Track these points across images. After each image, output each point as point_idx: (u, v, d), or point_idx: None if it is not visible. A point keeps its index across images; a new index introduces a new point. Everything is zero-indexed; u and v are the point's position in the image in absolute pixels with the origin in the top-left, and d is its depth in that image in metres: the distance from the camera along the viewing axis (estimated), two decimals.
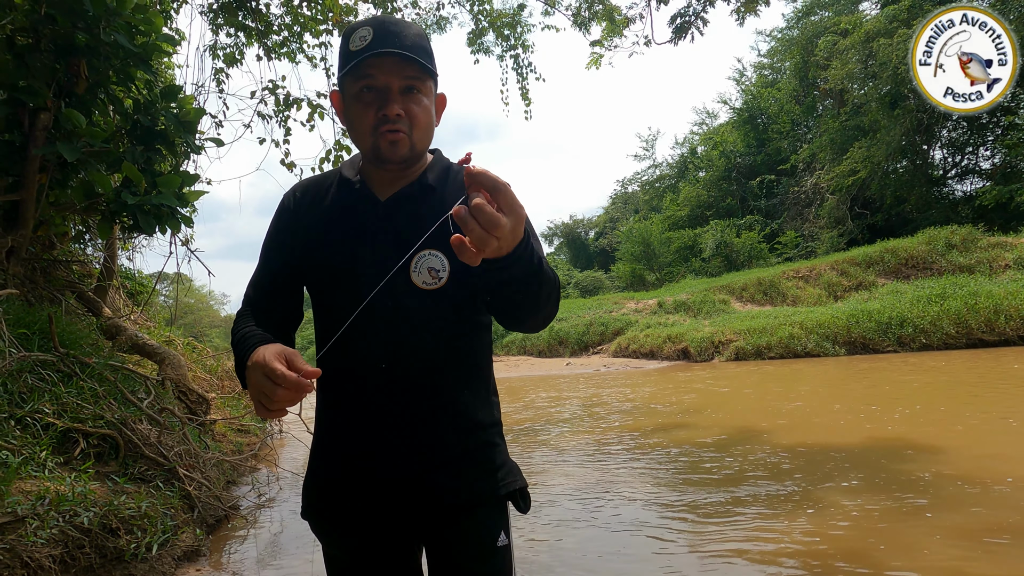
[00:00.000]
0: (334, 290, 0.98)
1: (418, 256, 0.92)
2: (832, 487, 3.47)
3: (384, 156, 0.93)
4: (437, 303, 0.93)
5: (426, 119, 0.96)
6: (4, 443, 2.34)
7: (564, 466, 4.37)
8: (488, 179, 0.64)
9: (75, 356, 3.15)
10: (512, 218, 0.65)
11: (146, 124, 3.29)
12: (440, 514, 0.93)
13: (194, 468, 3.18)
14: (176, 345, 5.79)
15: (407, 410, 0.93)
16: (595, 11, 6.64)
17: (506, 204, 0.65)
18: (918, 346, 11.10)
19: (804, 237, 22.76)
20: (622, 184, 40.91)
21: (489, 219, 0.63)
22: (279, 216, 1.06)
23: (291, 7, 5.53)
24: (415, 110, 0.94)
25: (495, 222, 0.63)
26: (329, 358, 0.96)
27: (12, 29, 2.85)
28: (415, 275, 0.92)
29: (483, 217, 0.63)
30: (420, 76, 0.93)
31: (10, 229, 3.18)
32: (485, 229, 0.63)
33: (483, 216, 0.63)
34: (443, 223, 0.88)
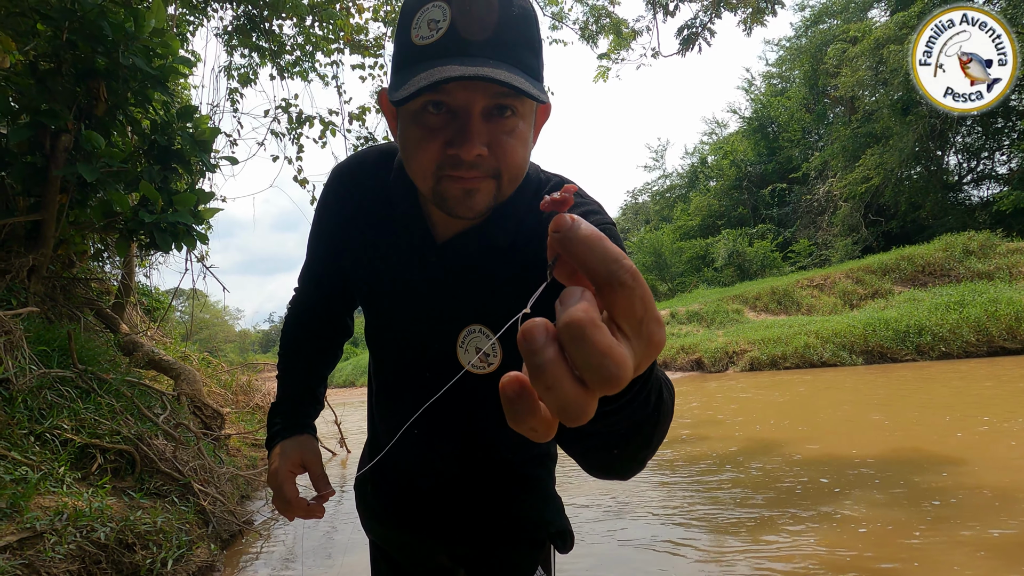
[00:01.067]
0: (376, 331, 0.86)
1: (467, 330, 0.73)
2: (855, 499, 3.40)
3: (452, 210, 0.66)
4: (487, 388, 0.71)
5: (522, 154, 0.65)
6: (24, 459, 2.37)
7: (577, 480, 4.33)
8: (598, 255, 0.28)
9: (93, 372, 3.19)
10: (640, 346, 0.29)
11: (163, 144, 3.37)
12: (479, 544, 0.89)
13: (209, 483, 3.20)
14: (191, 360, 5.86)
15: (445, 457, 0.85)
16: (602, 25, 6.70)
17: (633, 314, 0.28)
18: (937, 355, 10.90)
19: (818, 245, 22.54)
20: (632, 195, 40.96)
21: (594, 359, 0.26)
22: (321, 208, 0.87)
23: (303, 28, 5.65)
24: (508, 144, 0.63)
25: (608, 364, 0.26)
26: (378, 381, 0.90)
27: (35, 55, 2.94)
28: (462, 352, 0.73)
29: (584, 353, 0.26)
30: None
31: (31, 248, 3.26)
32: (584, 379, 0.27)
33: (585, 352, 0.26)
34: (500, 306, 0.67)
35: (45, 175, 2.98)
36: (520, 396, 0.28)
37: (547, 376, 0.26)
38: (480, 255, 0.73)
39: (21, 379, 2.65)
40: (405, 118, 0.66)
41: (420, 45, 0.60)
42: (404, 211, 0.76)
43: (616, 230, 0.68)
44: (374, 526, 0.97)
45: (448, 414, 0.80)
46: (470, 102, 0.61)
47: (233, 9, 5.45)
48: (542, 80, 0.66)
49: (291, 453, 0.86)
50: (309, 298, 0.95)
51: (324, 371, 0.98)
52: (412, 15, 0.62)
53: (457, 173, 0.63)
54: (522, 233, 0.72)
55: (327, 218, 0.85)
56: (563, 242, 0.29)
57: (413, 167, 0.67)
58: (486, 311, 0.72)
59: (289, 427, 0.90)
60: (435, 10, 0.60)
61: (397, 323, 0.80)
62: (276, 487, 0.85)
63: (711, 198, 29.07)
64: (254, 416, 5.73)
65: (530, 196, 0.74)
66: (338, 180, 0.84)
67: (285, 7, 4.98)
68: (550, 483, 0.92)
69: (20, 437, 2.48)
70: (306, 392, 0.94)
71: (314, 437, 0.91)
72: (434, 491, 0.87)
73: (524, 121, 0.65)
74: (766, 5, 5.76)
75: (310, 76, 6.11)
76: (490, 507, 0.87)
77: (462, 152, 0.61)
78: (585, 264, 0.28)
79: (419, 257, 0.76)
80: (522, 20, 0.62)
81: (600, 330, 0.26)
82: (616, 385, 0.26)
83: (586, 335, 0.26)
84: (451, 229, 0.75)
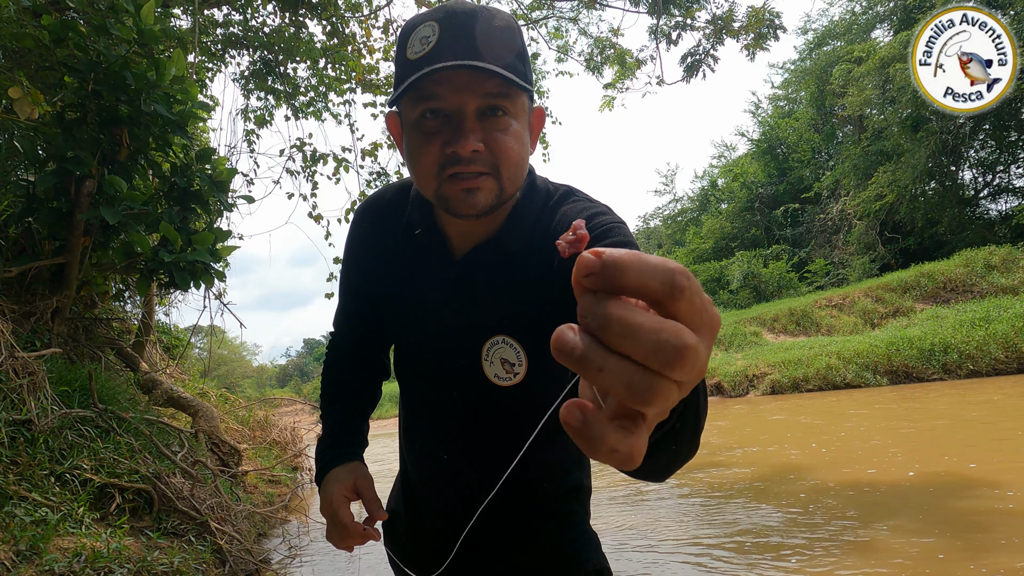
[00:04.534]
0: (405, 357, 0.88)
1: (490, 342, 0.73)
2: (886, 525, 3.27)
3: (455, 210, 0.69)
4: (514, 400, 0.74)
5: (518, 151, 0.69)
6: (44, 499, 2.38)
7: (599, 506, 4.23)
8: (647, 274, 0.26)
9: (113, 411, 3.23)
10: (707, 335, 0.27)
11: (182, 186, 3.47)
12: None
13: (225, 521, 3.18)
14: (209, 397, 5.89)
15: (470, 488, 0.83)
16: (607, 55, 6.83)
17: (695, 309, 0.27)
18: (965, 373, 10.58)
19: (834, 264, 22.26)
20: (644, 220, 40.98)
21: (650, 339, 0.25)
22: (348, 248, 0.90)
23: (317, 70, 5.84)
24: (503, 140, 0.67)
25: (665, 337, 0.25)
26: (407, 409, 0.90)
27: (62, 105, 3.07)
28: (487, 365, 0.73)
29: (636, 339, 0.25)
30: (507, 91, 0.66)
31: (55, 290, 3.34)
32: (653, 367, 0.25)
33: (636, 337, 0.25)
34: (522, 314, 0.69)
35: (70, 219, 3.08)
36: (586, 421, 0.26)
37: (593, 359, 0.25)
38: (497, 265, 0.75)
39: (43, 420, 2.68)
40: (407, 130, 0.71)
41: (414, 59, 0.66)
42: (423, 234, 0.79)
43: (627, 228, 0.69)
44: (405, 567, 0.95)
45: (477, 434, 0.80)
46: (463, 103, 0.65)
47: (250, 55, 5.66)
48: (529, 82, 0.70)
49: (344, 478, 0.86)
50: (344, 338, 0.98)
51: (367, 408, 0.98)
52: (407, 38, 0.68)
53: (457, 169, 0.66)
54: (536, 238, 0.74)
55: (353, 256, 0.89)
56: (605, 280, 0.26)
57: (418, 172, 0.70)
58: (508, 320, 0.73)
59: (338, 456, 0.89)
60: (425, 28, 0.66)
61: (423, 344, 0.82)
62: (330, 514, 0.84)
63: (723, 220, 28.99)
64: (271, 452, 5.72)
65: (539, 205, 0.77)
66: (361, 218, 0.88)
67: (299, 51, 5.17)
68: (585, 518, 0.90)
69: (41, 478, 2.50)
70: (351, 426, 0.94)
71: (363, 464, 0.92)
72: (468, 526, 0.84)
73: (518, 120, 0.69)
74: (768, 31, 5.85)
75: (323, 115, 6.29)
76: (525, 544, 0.85)
77: (459, 148, 0.65)
78: (639, 288, 0.25)
79: (440, 275, 0.79)
80: (505, 30, 0.67)
81: (639, 313, 0.25)
82: (685, 357, 0.24)
83: (629, 322, 0.25)
84: (468, 243, 0.77)
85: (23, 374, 2.69)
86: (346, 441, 0.92)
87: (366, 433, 0.96)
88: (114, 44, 2.88)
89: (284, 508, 4.69)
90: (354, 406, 0.96)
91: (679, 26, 6.18)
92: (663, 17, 6.22)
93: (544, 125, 0.79)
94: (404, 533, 0.94)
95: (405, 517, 0.93)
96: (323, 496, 0.85)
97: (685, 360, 0.25)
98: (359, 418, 0.96)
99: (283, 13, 5.40)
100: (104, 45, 2.83)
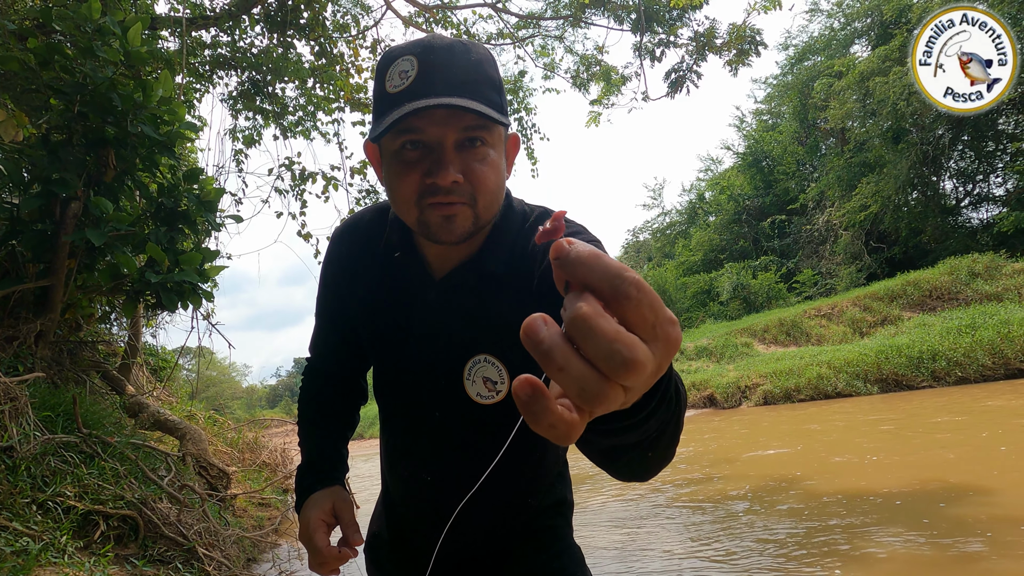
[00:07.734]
0: (385, 378, 0.87)
1: (472, 361, 0.74)
2: (880, 534, 3.27)
3: (435, 236, 0.71)
4: (496, 418, 0.73)
5: (495, 180, 0.71)
6: (25, 528, 2.32)
7: (588, 526, 4.19)
8: (599, 273, 0.29)
9: (97, 436, 3.16)
10: (659, 348, 0.29)
11: (169, 206, 3.45)
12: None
13: (213, 547, 3.11)
14: (197, 419, 5.80)
15: (453, 509, 0.81)
16: (592, 72, 6.94)
17: (644, 320, 0.29)
18: (954, 380, 10.68)
19: (822, 274, 22.51)
20: (633, 233, 41.28)
21: (604, 345, 0.27)
22: (326, 271, 0.91)
23: (305, 89, 5.87)
24: (480, 171, 0.69)
25: (619, 348, 0.27)
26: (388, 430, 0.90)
27: (48, 127, 3.05)
28: (469, 384, 0.74)
29: (595, 342, 0.27)
30: (485, 123, 0.68)
31: (39, 313, 3.29)
32: (602, 370, 0.27)
33: (594, 341, 0.27)
34: (503, 332, 0.68)
35: (55, 241, 3.04)
36: (533, 396, 0.27)
37: (556, 357, 0.27)
38: (477, 284, 0.77)
39: (25, 446, 2.62)
40: (387, 159, 0.72)
41: (393, 92, 0.67)
42: (401, 256, 0.81)
43: (603, 246, 0.71)
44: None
45: (460, 454, 0.80)
46: (443, 136, 0.67)
47: (238, 76, 5.68)
48: (506, 113, 0.73)
49: (322, 502, 0.85)
50: (323, 362, 0.97)
51: (346, 432, 0.97)
52: (385, 70, 0.69)
53: (436, 199, 0.68)
54: (515, 257, 0.76)
55: (331, 280, 0.89)
56: (564, 266, 0.30)
57: (398, 200, 0.72)
58: (489, 339, 0.74)
59: (318, 481, 0.89)
60: (404, 63, 0.67)
61: (404, 365, 0.82)
62: (307, 539, 0.83)
63: (711, 233, 29.28)
64: (260, 474, 5.62)
65: (518, 225, 0.79)
66: (339, 241, 0.89)
67: (287, 71, 5.19)
68: (569, 532, 0.90)
69: (22, 507, 2.44)
70: (330, 451, 0.93)
71: (344, 488, 0.91)
72: (452, 547, 0.84)
73: (495, 150, 0.71)
74: (749, 47, 5.97)
75: (312, 134, 6.31)
76: (510, 566, 0.84)
77: (439, 179, 0.67)
78: (589, 283, 0.29)
79: (420, 296, 0.80)
80: (483, 63, 0.70)
81: (604, 318, 0.27)
82: (632, 369, 0.27)
83: (591, 324, 0.27)
84: (447, 265, 0.79)
85: (4, 400, 2.63)
86: (327, 467, 0.91)
87: (346, 457, 0.95)
88: (101, 66, 2.88)
89: (274, 531, 4.60)
90: (334, 430, 0.95)
91: (662, 43, 6.30)
92: (646, 34, 6.34)
93: (519, 150, 0.81)
94: (386, 557, 0.92)
95: (388, 539, 0.92)
96: (301, 521, 0.85)
97: (631, 371, 0.27)
98: (339, 442, 0.95)
99: (271, 34, 5.44)
100: (91, 67, 2.83)
